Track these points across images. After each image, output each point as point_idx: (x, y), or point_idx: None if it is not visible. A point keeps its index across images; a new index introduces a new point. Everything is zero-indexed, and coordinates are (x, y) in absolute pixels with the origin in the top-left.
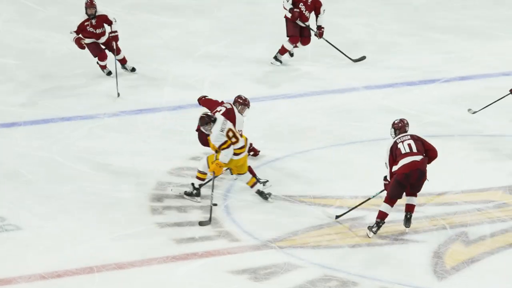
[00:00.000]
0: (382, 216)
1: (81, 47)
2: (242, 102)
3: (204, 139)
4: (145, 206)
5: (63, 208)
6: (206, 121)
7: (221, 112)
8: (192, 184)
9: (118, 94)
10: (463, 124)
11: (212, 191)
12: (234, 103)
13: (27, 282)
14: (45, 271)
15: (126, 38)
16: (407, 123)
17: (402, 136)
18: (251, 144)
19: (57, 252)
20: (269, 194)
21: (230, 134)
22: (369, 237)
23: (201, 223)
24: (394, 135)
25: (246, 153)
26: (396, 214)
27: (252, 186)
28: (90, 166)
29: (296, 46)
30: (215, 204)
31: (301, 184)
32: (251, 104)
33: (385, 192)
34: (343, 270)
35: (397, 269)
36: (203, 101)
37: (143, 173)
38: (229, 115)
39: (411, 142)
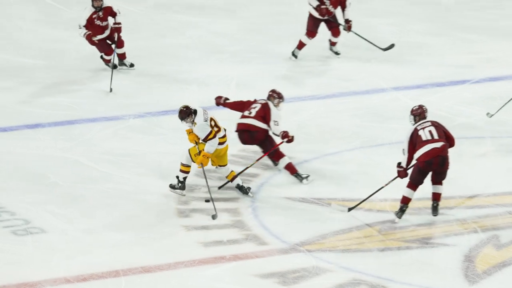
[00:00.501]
0: (405, 200)
1: (92, 43)
2: (278, 96)
3: (245, 138)
4: (171, 209)
5: (88, 211)
6: (187, 113)
7: (256, 109)
8: (177, 177)
9: (111, 90)
10: (493, 125)
11: (207, 182)
12: (268, 98)
13: (52, 285)
14: (70, 274)
15: (151, 38)
16: (426, 109)
17: (422, 123)
18: (286, 132)
19: (82, 255)
20: (249, 188)
21: (213, 123)
22: (395, 222)
23: (213, 217)
24: (413, 122)
25: (227, 143)
26: (425, 217)
27: (231, 180)
28: (115, 168)
29: (334, 44)
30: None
31: (329, 186)
32: None
33: (397, 179)
34: (372, 274)
35: (427, 273)
36: (231, 104)
37: (169, 175)
38: (265, 110)
39: (432, 128)
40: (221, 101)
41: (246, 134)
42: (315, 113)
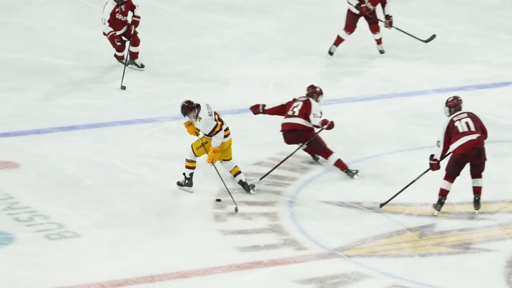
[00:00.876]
0: (443, 193)
1: (114, 44)
2: (318, 91)
3: (291, 138)
4: (208, 213)
5: (122, 215)
6: (190, 107)
7: (298, 107)
8: (184, 174)
9: (123, 87)
10: None
11: (221, 178)
12: (309, 94)
13: None
14: (104, 279)
15: (187, 38)
16: (461, 100)
17: (459, 114)
18: (325, 119)
19: (116, 260)
20: (252, 186)
21: (216, 117)
22: (434, 215)
23: (235, 210)
24: (449, 114)
25: (231, 136)
26: (466, 222)
27: (235, 176)
28: (151, 171)
29: (380, 42)
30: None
31: (369, 190)
32: None
33: (429, 172)
34: (413, 280)
35: (469, 278)
36: (271, 110)
37: (205, 178)
38: (307, 107)
39: (469, 120)
40: (259, 110)
41: (293, 134)
42: (354, 114)
